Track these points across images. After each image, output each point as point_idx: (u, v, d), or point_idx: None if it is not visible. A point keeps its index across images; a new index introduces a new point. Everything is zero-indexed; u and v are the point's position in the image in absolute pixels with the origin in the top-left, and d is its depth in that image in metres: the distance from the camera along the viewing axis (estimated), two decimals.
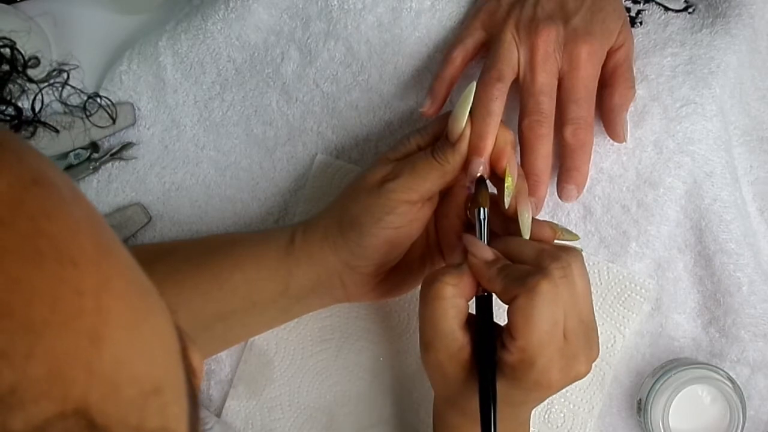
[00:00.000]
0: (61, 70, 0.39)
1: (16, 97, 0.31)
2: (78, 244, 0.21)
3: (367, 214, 0.53)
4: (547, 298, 0.45)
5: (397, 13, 0.62)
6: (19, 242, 0.19)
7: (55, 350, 0.19)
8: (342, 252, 0.54)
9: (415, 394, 0.62)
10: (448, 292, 0.48)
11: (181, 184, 0.64)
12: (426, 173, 0.52)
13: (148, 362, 0.21)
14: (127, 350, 0.21)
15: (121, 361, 0.20)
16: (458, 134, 0.51)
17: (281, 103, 0.63)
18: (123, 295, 0.21)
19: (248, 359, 0.62)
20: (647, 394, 0.58)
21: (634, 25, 0.61)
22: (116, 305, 0.21)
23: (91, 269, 0.21)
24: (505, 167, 0.51)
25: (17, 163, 0.21)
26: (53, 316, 0.19)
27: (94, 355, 0.20)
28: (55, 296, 0.19)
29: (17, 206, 0.20)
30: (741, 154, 0.62)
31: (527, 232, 0.50)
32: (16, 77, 0.31)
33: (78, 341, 0.19)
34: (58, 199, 0.22)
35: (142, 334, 0.21)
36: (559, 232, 0.52)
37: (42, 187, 0.21)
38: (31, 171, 0.22)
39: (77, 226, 0.22)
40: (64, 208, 0.22)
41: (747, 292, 0.59)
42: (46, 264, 0.20)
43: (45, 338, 0.19)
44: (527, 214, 0.50)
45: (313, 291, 0.55)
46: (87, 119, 0.57)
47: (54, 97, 0.39)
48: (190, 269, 0.55)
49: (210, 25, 0.63)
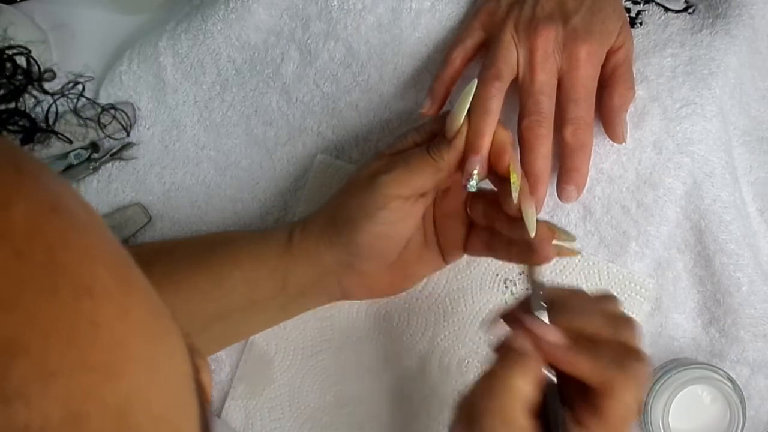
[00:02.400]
0: (76, 82, 0.39)
1: (30, 108, 0.30)
2: (94, 274, 0.21)
3: (360, 210, 0.52)
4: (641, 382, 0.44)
5: (397, 13, 0.62)
6: (36, 275, 0.19)
7: (71, 389, 0.19)
8: (338, 250, 0.54)
9: (416, 394, 0.62)
10: (518, 381, 0.44)
11: (181, 184, 0.64)
12: (420, 168, 0.51)
13: (163, 391, 0.21)
14: (142, 382, 0.20)
15: (137, 394, 0.20)
16: (455, 131, 0.51)
17: (281, 103, 0.63)
18: (139, 323, 0.21)
19: (248, 359, 0.62)
20: (647, 394, 0.58)
21: (634, 25, 0.61)
22: (133, 335, 0.21)
23: (107, 300, 0.21)
24: (507, 165, 0.50)
25: (35, 190, 0.21)
26: (69, 350, 0.19)
27: (109, 390, 0.19)
28: (72, 329, 0.19)
29: (35, 236, 0.20)
30: (741, 155, 0.62)
31: (533, 229, 0.50)
32: (32, 88, 0.30)
33: (94, 377, 0.19)
34: (76, 226, 0.21)
35: (157, 362, 0.21)
36: (557, 232, 0.52)
37: (59, 214, 0.21)
38: (49, 198, 0.21)
39: (94, 255, 0.21)
40: (82, 237, 0.21)
41: (747, 292, 0.59)
42: (62, 296, 0.19)
43: (61, 377, 0.19)
44: (531, 211, 0.50)
45: (310, 289, 0.56)
46: (101, 130, 0.57)
47: (68, 108, 0.39)
48: (189, 268, 0.55)
49: (210, 25, 0.63)
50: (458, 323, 0.62)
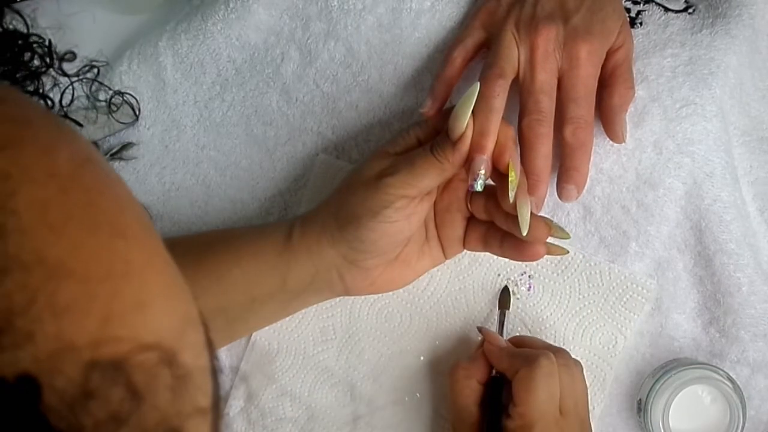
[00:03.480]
0: (92, 66, 0.41)
1: (47, 90, 0.33)
2: (125, 220, 0.23)
3: (365, 208, 0.53)
4: (545, 372, 0.53)
5: (397, 13, 0.62)
6: (79, 212, 0.21)
7: (108, 313, 0.20)
8: (340, 245, 0.54)
9: (417, 393, 0.62)
10: (460, 374, 0.57)
11: (181, 184, 0.64)
12: (425, 170, 0.52)
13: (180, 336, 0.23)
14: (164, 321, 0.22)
15: (159, 330, 0.22)
16: (459, 133, 0.51)
17: (281, 103, 0.63)
18: (163, 271, 0.23)
19: (250, 359, 0.62)
20: (647, 394, 0.58)
21: (634, 25, 0.61)
22: (157, 280, 0.23)
23: (137, 244, 0.23)
24: (507, 162, 0.51)
25: (74, 141, 0.23)
26: (107, 280, 0.21)
27: (139, 319, 0.21)
28: (109, 262, 0.21)
29: (76, 179, 0.22)
30: (741, 155, 0.62)
31: (525, 228, 0.51)
32: (51, 71, 0.33)
33: (126, 307, 0.21)
34: (108, 177, 0.23)
35: (177, 310, 0.23)
36: (553, 228, 0.53)
37: (94, 164, 0.23)
38: (85, 149, 0.23)
39: (124, 204, 0.23)
40: (113, 187, 0.23)
41: (747, 292, 0.59)
42: (101, 234, 0.21)
43: (100, 301, 0.20)
44: (526, 208, 0.51)
45: (311, 285, 0.56)
46: (111, 115, 0.60)
47: (83, 92, 0.41)
48: (189, 265, 0.55)
49: (210, 25, 0.63)
50: (459, 323, 0.62)
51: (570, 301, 0.60)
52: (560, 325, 0.61)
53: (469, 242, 0.57)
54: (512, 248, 0.55)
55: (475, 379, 0.57)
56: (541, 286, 0.61)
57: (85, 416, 0.19)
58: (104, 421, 0.19)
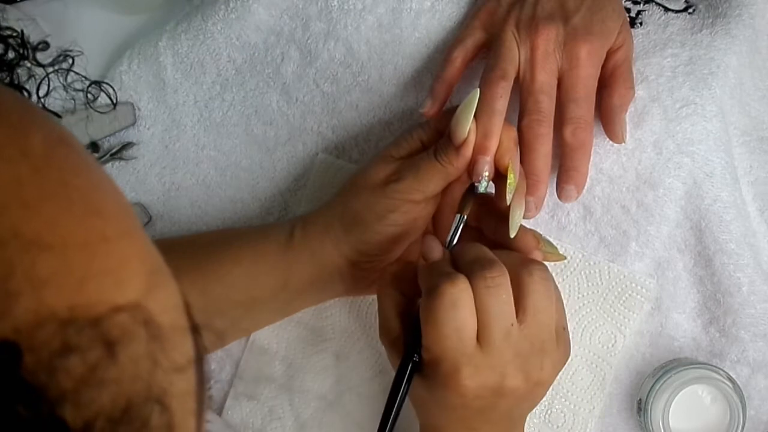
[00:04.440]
0: (66, 56, 0.41)
1: (23, 81, 0.33)
2: (102, 199, 0.23)
3: (371, 212, 0.53)
4: (446, 302, 0.46)
5: (397, 13, 0.62)
6: (53, 190, 0.21)
7: (88, 287, 0.21)
8: (343, 247, 0.54)
9: None
10: (384, 280, 0.52)
11: (181, 184, 0.64)
12: (430, 175, 0.52)
13: (162, 311, 0.23)
14: (144, 297, 0.22)
15: (136, 292, 0.22)
16: (462, 138, 0.51)
17: (281, 103, 0.63)
18: (140, 248, 0.23)
19: (249, 359, 0.62)
20: (647, 394, 0.58)
21: (634, 25, 0.61)
22: (135, 256, 0.23)
23: (114, 222, 0.23)
24: (507, 164, 0.51)
25: (45, 122, 0.23)
26: (84, 255, 0.21)
27: (117, 294, 0.22)
28: (86, 239, 0.21)
29: (50, 159, 0.22)
30: (741, 155, 0.62)
31: (514, 229, 0.51)
32: (25, 62, 0.33)
33: (106, 281, 0.21)
34: (82, 158, 0.24)
35: (157, 285, 0.23)
36: (541, 243, 0.53)
37: (68, 146, 0.23)
38: (57, 131, 0.23)
39: (99, 184, 0.23)
40: (88, 167, 0.24)
41: (747, 292, 0.59)
42: (76, 211, 0.22)
43: (78, 274, 0.21)
44: (519, 212, 0.51)
45: (312, 285, 0.56)
46: (89, 105, 0.59)
47: (59, 83, 0.41)
48: (190, 265, 0.55)
49: (210, 25, 0.63)
50: None
51: (570, 301, 0.60)
52: None
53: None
54: None
55: (400, 289, 0.52)
56: None
57: (64, 375, 0.19)
58: (82, 378, 0.20)
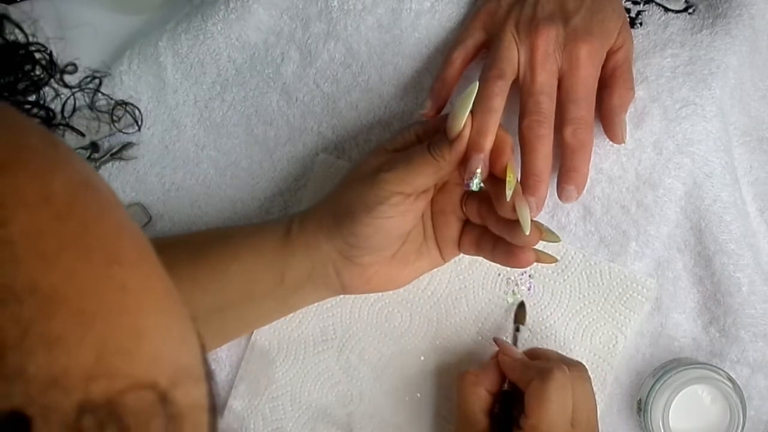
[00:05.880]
0: (94, 77, 0.41)
1: (48, 100, 0.32)
2: (122, 246, 0.23)
3: (360, 203, 0.53)
4: (558, 384, 0.52)
5: (396, 14, 0.62)
6: (74, 238, 0.21)
7: (104, 342, 0.20)
8: (336, 241, 0.54)
9: (418, 393, 0.62)
10: (469, 381, 0.57)
11: (181, 184, 0.64)
12: (421, 167, 0.52)
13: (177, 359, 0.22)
14: (162, 346, 0.22)
15: (157, 356, 0.22)
16: (457, 132, 0.51)
17: (281, 103, 0.63)
18: (159, 295, 0.23)
19: (250, 359, 0.62)
20: (647, 394, 0.58)
21: (634, 26, 0.61)
22: (154, 305, 0.22)
23: (133, 270, 0.22)
24: (505, 165, 0.51)
25: (70, 164, 0.23)
26: (102, 308, 0.21)
27: (135, 347, 0.21)
28: (103, 291, 0.21)
29: (72, 204, 0.22)
30: (741, 155, 0.62)
31: (527, 227, 0.50)
32: (53, 81, 0.32)
33: (122, 335, 0.21)
34: (105, 202, 0.23)
35: (174, 333, 0.23)
36: (544, 232, 0.53)
37: (91, 189, 0.23)
38: (81, 173, 0.23)
39: (120, 229, 0.23)
40: (110, 211, 0.23)
41: (747, 292, 0.59)
42: (95, 260, 0.21)
43: (95, 330, 0.20)
44: (526, 210, 0.51)
45: (308, 281, 0.56)
46: (113, 125, 0.60)
47: (84, 102, 0.41)
48: (188, 262, 0.55)
49: (210, 25, 0.63)
50: (460, 323, 0.62)
51: (570, 301, 0.61)
52: (560, 324, 0.61)
53: (464, 245, 0.57)
54: (503, 254, 0.55)
55: (484, 387, 0.57)
56: (542, 285, 0.61)
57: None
58: None
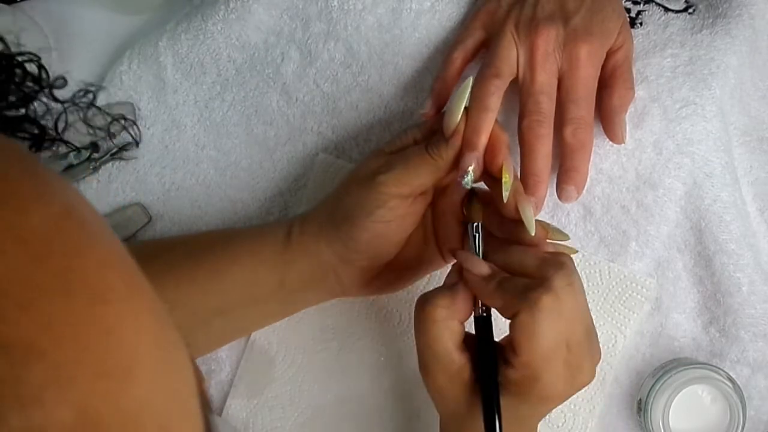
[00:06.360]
0: (87, 91, 0.40)
1: (39, 116, 0.31)
2: (107, 281, 0.21)
3: (359, 208, 0.52)
4: (551, 314, 0.44)
5: (397, 14, 0.62)
6: (52, 280, 0.20)
7: (86, 394, 0.19)
8: (336, 245, 0.54)
9: (417, 393, 0.62)
10: (439, 314, 0.47)
11: (181, 184, 0.64)
12: (418, 167, 0.52)
13: (171, 398, 0.21)
14: (152, 388, 0.21)
15: (147, 399, 0.20)
16: (452, 127, 0.51)
17: (281, 103, 0.63)
18: (150, 330, 0.22)
19: (249, 358, 0.62)
20: (647, 394, 0.58)
21: (634, 25, 0.61)
22: (143, 342, 0.21)
23: (119, 306, 0.21)
24: (501, 165, 0.50)
25: (50, 197, 0.22)
26: (84, 356, 0.19)
27: (122, 393, 0.20)
28: (86, 335, 0.20)
29: (51, 242, 0.20)
30: (741, 155, 0.62)
31: (532, 228, 0.49)
32: (42, 95, 0.31)
33: (108, 383, 0.20)
34: (88, 233, 0.22)
35: (167, 369, 0.22)
36: (550, 231, 0.51)
37: (73, 221, 0.22)
38: (63, 205, 0.22)
39: (106, 262, 0.22)
40: (94, 244, 0.22)
41: (747, 292, 0.59)
42: (77, 302, 0.20)
43: (76, 382, 0.19)
44: (529, 210, 0.49)
45: (308, 284, 0.56)
46: (110, 140, 0.58)
47: (78, 116, 0.40)
48: (189, 264, 0.55)
49: (210, 25, 0.63)
50: None
51: None
52: None
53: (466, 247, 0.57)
54: None
55: (456, 319, 0.48)
56: None
57: None
58: None
